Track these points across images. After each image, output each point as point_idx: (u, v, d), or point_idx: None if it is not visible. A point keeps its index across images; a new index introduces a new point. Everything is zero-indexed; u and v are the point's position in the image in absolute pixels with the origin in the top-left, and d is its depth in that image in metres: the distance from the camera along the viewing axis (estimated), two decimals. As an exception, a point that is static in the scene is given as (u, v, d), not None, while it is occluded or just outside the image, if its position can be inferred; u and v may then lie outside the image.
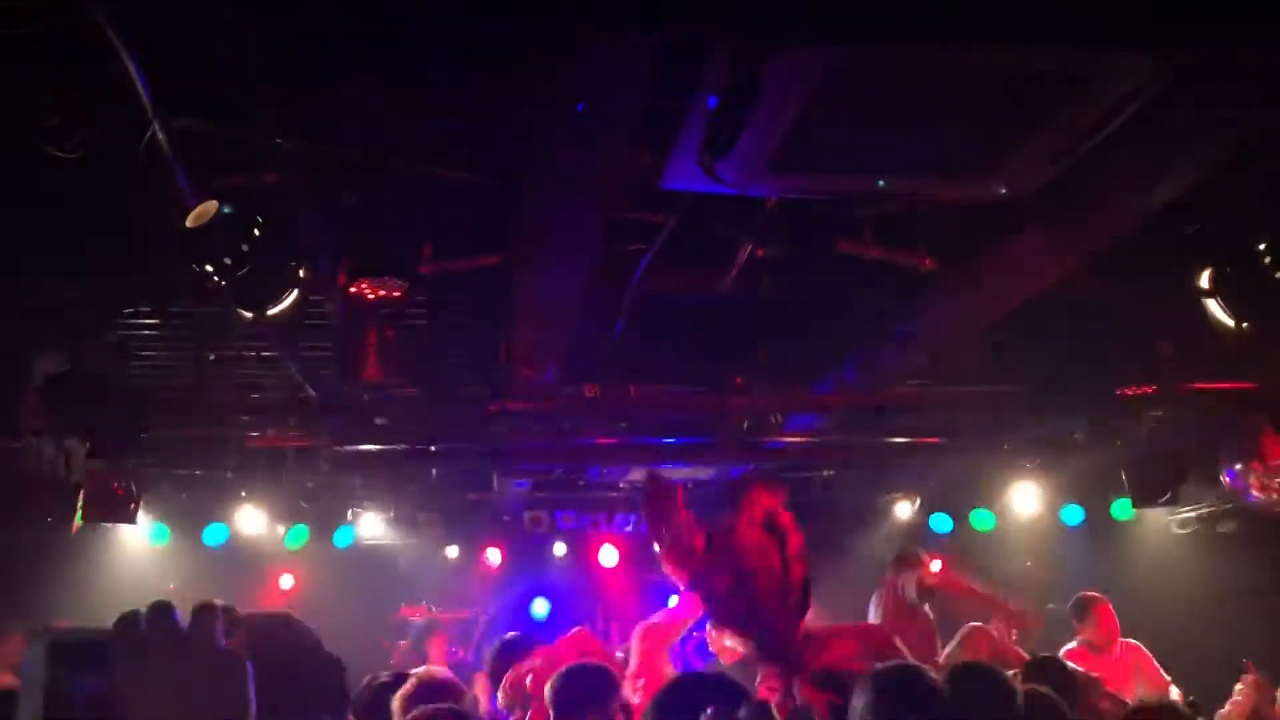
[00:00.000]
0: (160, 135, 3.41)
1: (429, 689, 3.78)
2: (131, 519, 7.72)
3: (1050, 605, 6.76)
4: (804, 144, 3.54)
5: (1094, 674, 5.07)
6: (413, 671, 4.20)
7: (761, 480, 4.78)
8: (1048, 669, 4.48)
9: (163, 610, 1.08)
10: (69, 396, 6.18)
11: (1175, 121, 3.52)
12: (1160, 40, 2.99)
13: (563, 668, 3.90)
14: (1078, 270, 4.92)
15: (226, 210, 3.64)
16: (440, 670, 4.31)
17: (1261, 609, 8.47)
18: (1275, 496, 6.89)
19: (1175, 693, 6.10)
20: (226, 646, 1.12)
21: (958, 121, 3.53)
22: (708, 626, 5.15)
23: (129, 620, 1.08)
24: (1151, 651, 6.71)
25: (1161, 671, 6.34)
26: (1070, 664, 5.01)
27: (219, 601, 1.23)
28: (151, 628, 1.08)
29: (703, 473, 9.43)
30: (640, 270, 5.00)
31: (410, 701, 3.68)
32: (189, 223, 3.58)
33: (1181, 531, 9.51)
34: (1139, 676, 6.29)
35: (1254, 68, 3.19)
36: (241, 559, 9.70)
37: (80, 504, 7.06)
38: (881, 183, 3.84)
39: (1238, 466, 7.23)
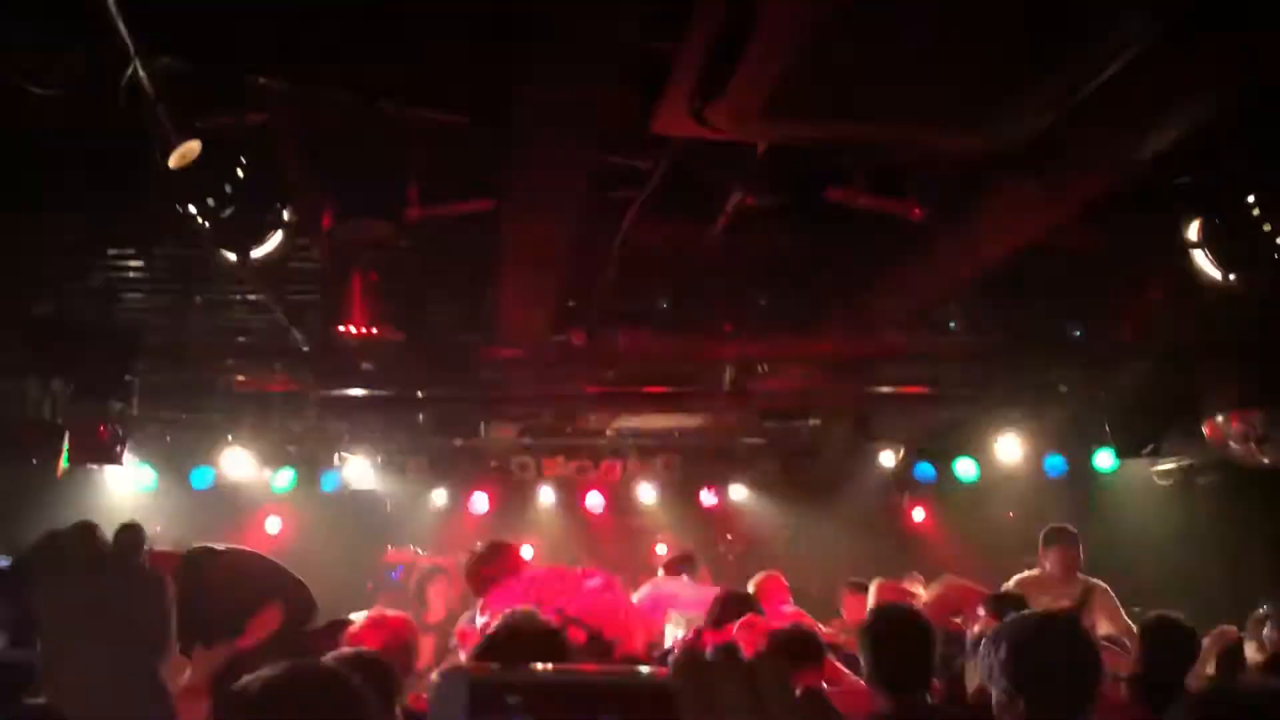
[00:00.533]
0: (142, 74, 3.35)
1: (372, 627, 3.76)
2: (117, 461, 7.73)
3: (1028, 559, 6.82)
4: (796, 90, 3.50)
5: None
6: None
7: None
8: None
9: (85, 529, 1.09)
10: (54, 339, 6.15)
11: (1167, 73, 3.49)
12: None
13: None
14: (1067, 221, 4.91)
15: (209, 151, 3.59)
16: (393, 614, 4.28)
17: (1239, 560, 8.58)
18: (1255, 449, 6.95)
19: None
20: (149, 566, 1.13)
21: (951, 69, 3.50)
22: None
23: (50, 538, 1.10)
24: (1128, 600, 6.79)
25: (1124, 616, 6.40)
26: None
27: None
28: (72, 545, 1.10)
29: (689, 421, 9.48)
30: (630, 217, 4.96)
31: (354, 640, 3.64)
32: (171, 164, 3.53)
33: (1163, 483, 9.61)
34: (1101, 615, 6.34)
35: (1248, 23, 3.16)
36: (228, 502, 9.73)
37: (65, 446, 7.05)
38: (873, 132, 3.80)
39: (1219, 419, 7.28)
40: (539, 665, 0.92)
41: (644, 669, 1.01)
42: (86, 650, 0.96)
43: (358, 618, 4.43)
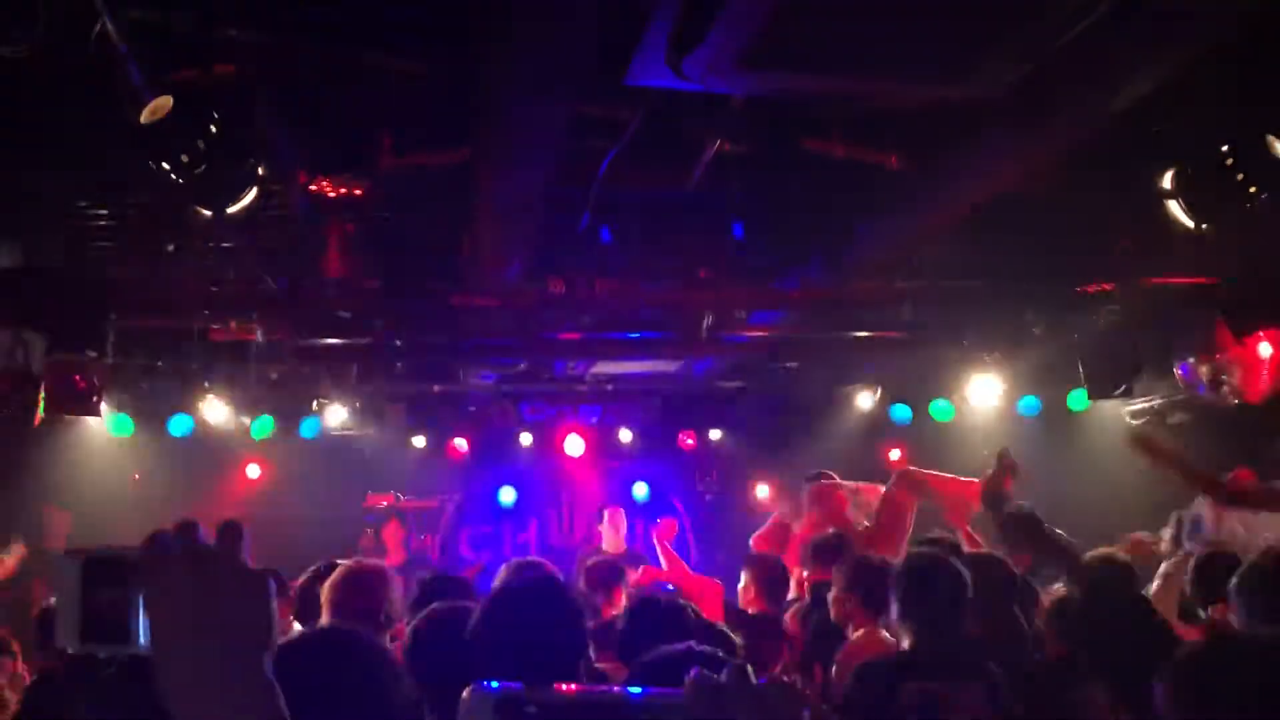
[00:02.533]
0: (110, 27, 3.30)
1: (355, 579, 3.82)
2: (94, 411, 7.70)
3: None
4: (773, 41, 3.48)
5: None
6: (342, 562, 4.26)
7: None
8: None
9: (187, 528, 1.13)
10: (26, 289, 6.10)
11: (1139, 24, 3.49)
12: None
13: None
14: (1042, 169, 4.93)
15: (181, 106, 3.54)
16: (370, 562, 4.35)
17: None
18: (1225, 390, 7.05)
19: None
20: (250, 563, 1.17)
21: (926, 21, 3.49)
22: None
23: (156, 538, 1.14)
24: (1106, 531, 6.89)
25: None
26: None
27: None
28: (176, 545, 1.14)
29: (667, 367, 9.52)
30: (605, 166, 4.94)
31: (335, 590, 3.70)
32: (143, 119, 3.49)
33: (1135, 423, 9.74)
34: None
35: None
36: (207, 450, 9.73)
37: (41, 396, 7.02)
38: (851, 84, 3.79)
39: (1190, 360, 7.39)
40: (561, 685, 0.94)
41: (649, 691, 1.04)
42: (194, 648, 0.99)
43: (343, 563, 4.51)
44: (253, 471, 10.41)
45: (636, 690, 1.14)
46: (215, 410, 8.93)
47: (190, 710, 1.11)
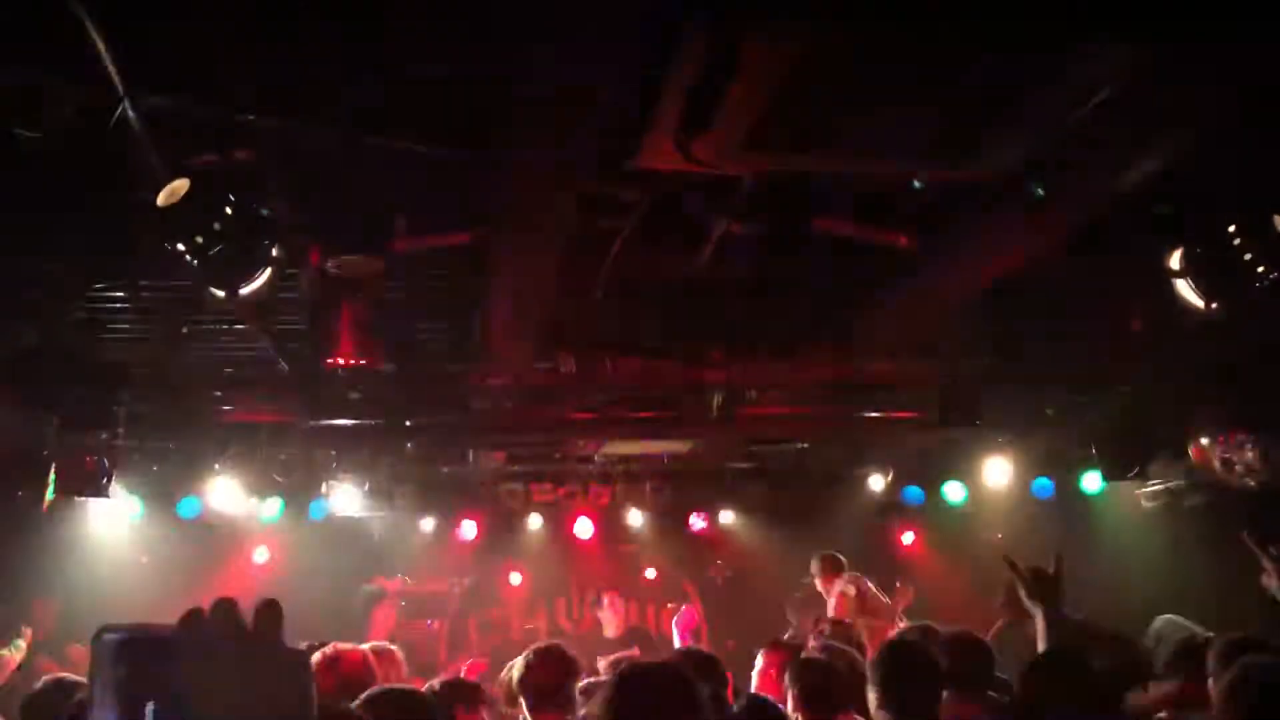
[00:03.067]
0: (130, 114, 3.36)
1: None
2: (104, 493, 7.69)
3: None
4: (779, 125, 3.53)
5: None
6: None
7: None
8: None
9: (226, 607, 1.11)
10: (40, 371, 6.13)
11: (1149, 105, 3.54)
12: (1131, 28, 3.00)
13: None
14: (1051, 248, 4.95)
15: (198, 189, 3.60)
16: (346, 648, 4.35)
17: (1224, 582, 8.59)
18: (1239, 471, 6.99)
19: None
20: (289, 644, 1.15)
21: (931, 105, 3.54)
22: None
23: (193, 616, 1.12)
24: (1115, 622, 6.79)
25: None
26: None
27: None
28: (215, 624, 1.12)
29: (678, 447, 9.48)
30: (616, 248, 4.99)
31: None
32: (160, 201, 3.54)
33: (1149, 505, 9.64)
34: None
35: (1227, 56, 3.21)
36: (216, 532, 9.69)
37: (52, 478, 7.01)
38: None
39: (1204, 441, 7.33)
40: None
41: None
42: None
43: (345, 647, 4.47)
44: (260, 555, 10.35)
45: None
46: (224, 492, 8.91)
47: None
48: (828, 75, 3.33)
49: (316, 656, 3.85)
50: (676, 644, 6.84)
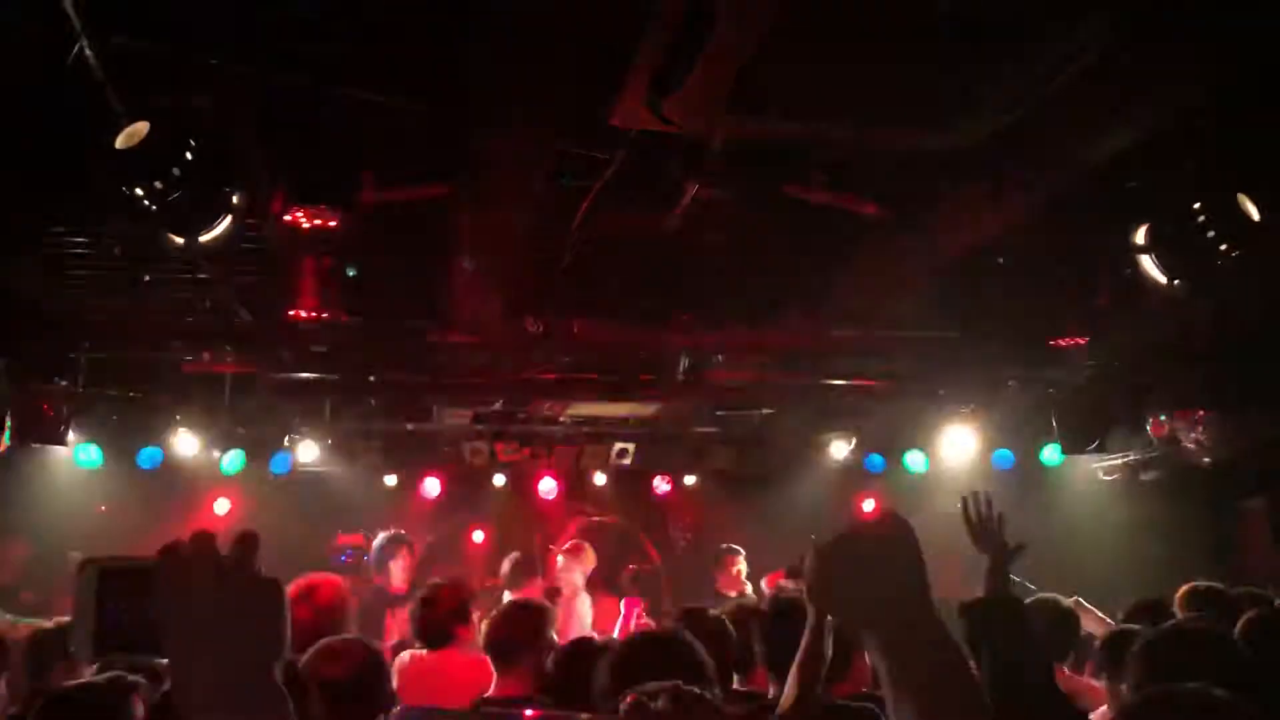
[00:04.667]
0: (89, 53, 3.28)
1: None
2: (61, 440, 7.61)
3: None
4: (752, 87, 3.51)
5: None
6: None
7: None
8: None
9: (204, 539, 1.15)
10: (-4, 316, 6.03)
11: (1119, 79, 3.54)
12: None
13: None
14: (1020, 221, 4.97)
15: (157, 132, 3.52)
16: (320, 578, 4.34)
17: (1179, 555, 8.75)
18: (1196, 446, 7.08)
19: None
20: (265, 574, 1.19)
21: (905, 70, 3.52)
22: None
23: (172, 548, 1.18)
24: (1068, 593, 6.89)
25: None
26: None
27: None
28: (193, 555, 1.17)
29: (644, 410, 9.49)
30: (586, 207, 4.95)
31: None
32: (119, 144, 3.46)
33: (1107, 478, 9.77)
34: None
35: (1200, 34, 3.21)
36: (176, 483, 9.60)
37: (8, 425, 6.92)
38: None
39: (1163, 417, 7.42)
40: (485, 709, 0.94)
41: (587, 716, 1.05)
42: (211, 655, 1.03)
43: (320, 578, 4.45)
44: (221, 506, 10.28)
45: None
46: (186, 443, 8.83)
47: (205, 717, 1.13)
48: (799, 36, 3.31)
49: (290, 587, 3.83)
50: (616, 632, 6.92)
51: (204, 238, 3.90)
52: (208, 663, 1.14)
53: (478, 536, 11.30)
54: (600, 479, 11.03)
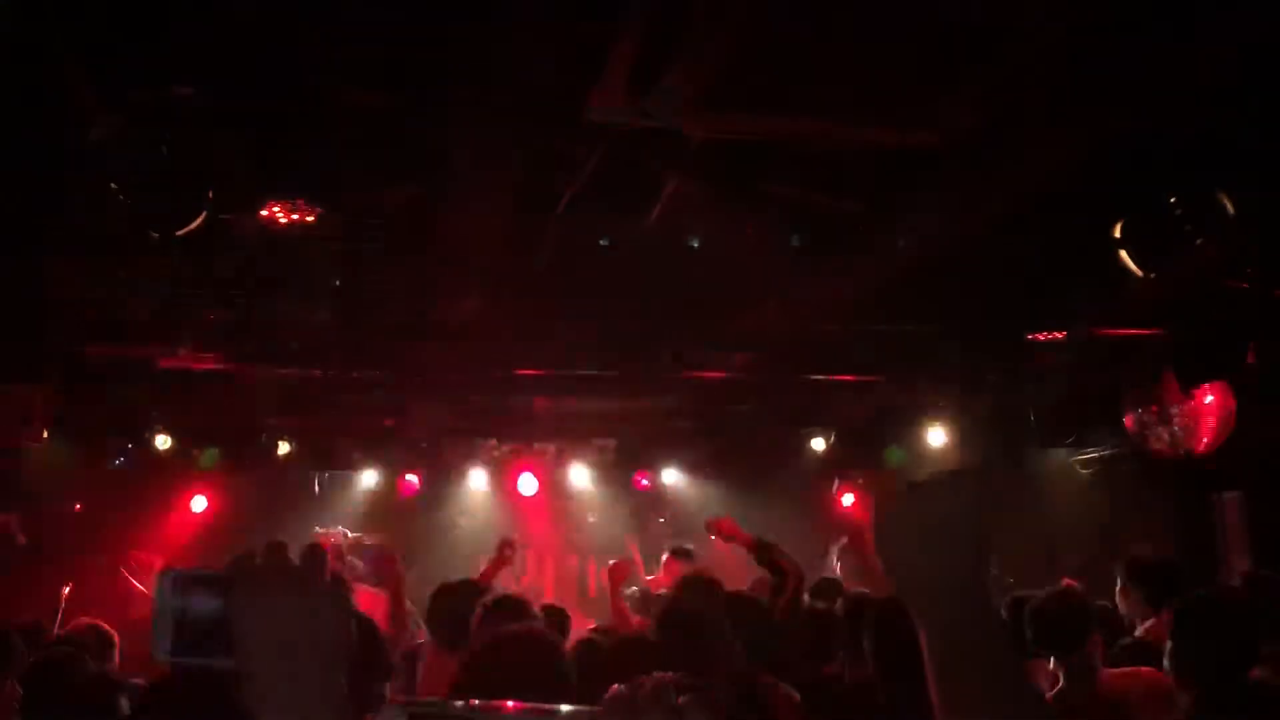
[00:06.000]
0: (65, 44, 3.25)
1: None
2: (36, 439, 7.53)
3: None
4: (730, 84, 3.51)
5: None
6: None
7: None
8: None
9: (276, 548, 1.20)
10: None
11: (1093, 73, 3.56)
12: None
13: None
14: (998, 216, 4.99)
15: (135, 126, 3.49)
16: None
17: (1155, 548, 8.81)
18: (1168, 440, 7.13)
19: None
20: (334, 581, 1.22)
21: (883, 66, 3.53)
22: None
23: (245, 558, 1.22)
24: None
25: None
26: None
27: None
28: (267, 564, 1.22)
29: (625, 405, 9.48)
30: (564, 203, 4.94)
31: None
32: (94, 136, 3.43)
33: (1084, 471, 9.82)
34: None
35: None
36: (152, 481, 9.53)
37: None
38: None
39: (1139, 411, 7.47)
40: (474, 701, 0.96)
41: (568, 708, 1.06)
42: (281, 662, 1.10)
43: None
44: (198, 504, 10.21)
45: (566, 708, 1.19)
46: (161, 439, 8.76)
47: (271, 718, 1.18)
48: (781, 33, 3.31)
49: None
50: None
51: (179, 233, 3.87)
52: (276, 667, 1.19)
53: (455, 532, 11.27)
54: (580, 473, 11.03)
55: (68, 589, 7.65)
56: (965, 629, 1.19)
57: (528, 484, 10.74)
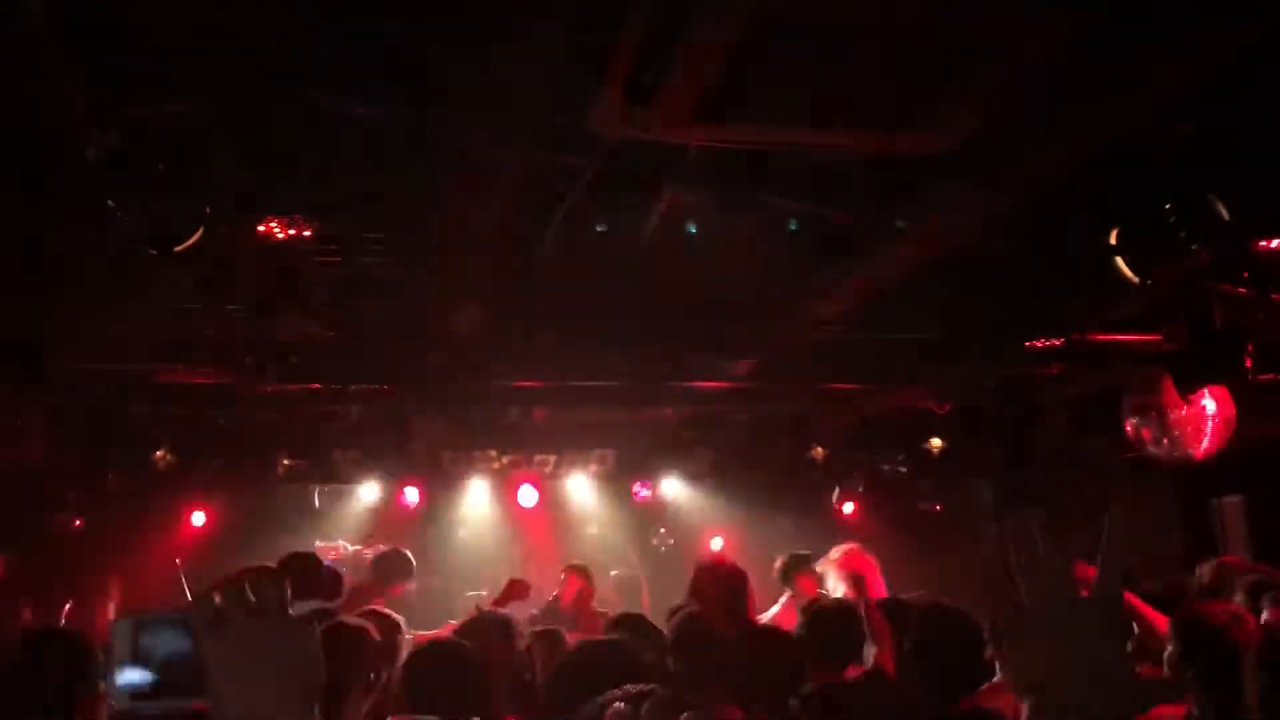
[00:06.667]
0: (62, 61, 3.25)
1: None
2: (34, 454, 7.52)
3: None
4: (728, 93, 3.52)
5: None
6: None
7: None
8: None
9: (236, 584, 1.21)
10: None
11: (1087, 80, 3.58)
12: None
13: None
14: (995, 223, 5.00)
15: (132, 142, 3.50)
16: None
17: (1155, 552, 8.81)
18: (1166, 445, 7.12)
19: None
20: (296, 613, 1.24)
21: (882, 73, 3.54)
22: None
23: (205, 597, 1.22)
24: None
25: None
26: None
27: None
28: (226, 600, 1.21)
29: (625, 415, 9.48)
30: (562, 213, 4.95)
31: None
32: (90, 155, 3.44)
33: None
34: None
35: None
36: (152, 496, 9.52)
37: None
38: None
39: (1138, 417, 7.46)
40: None
41: None
42: (249, 693, 1.09)
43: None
44: (198, 519, 10.19)
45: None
46: (161, 455, 8.75)
47: None
48: (776, 45, 3.32)
49: None
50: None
51: (178, 249, 3.87)
52: (247, 705, 1.18)
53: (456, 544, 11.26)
54: (580, 485, 11.02)
55: (68, 606, 7.64)
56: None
57: (527, 495, 10.73)
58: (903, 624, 4.10)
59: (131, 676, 1.24)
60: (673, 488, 11.20)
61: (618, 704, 2.72)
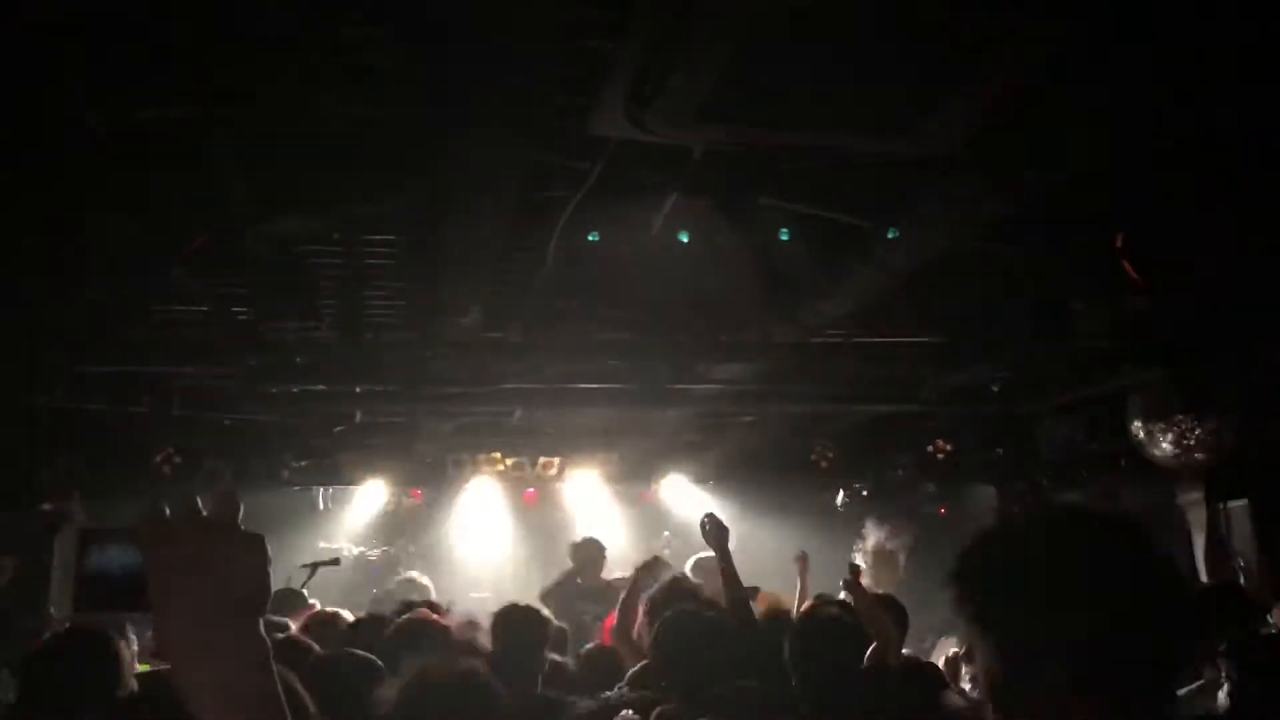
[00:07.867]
0: (66, 62, 3.26)
1: None
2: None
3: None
4: (731, 97, 3.52)
5: None
6: None
7: None
8: None
9: (186, 497, 1.20)
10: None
11: (1090, 83, 3.57)
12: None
13: None
14: (999, 225, 4.99)
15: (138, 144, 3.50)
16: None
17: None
18: (1174, 449, 7.11)
19: None
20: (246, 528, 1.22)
21: (886, 75, 3.54)
22: None
23: (154, 507, 1.20)
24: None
25: None
26: None
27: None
28: (175, 512, 1.19)
29: (630, 418, 9.47)
30: (566, 216, 4.95)
31: None
32: (93, 155, 3.45)
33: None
34: None
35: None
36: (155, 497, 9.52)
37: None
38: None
39: (1143, 421, 7.44)
40: None
41: None
42: (193, 609, 1.08)
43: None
44: (202, 520, 10.19)
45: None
46: (167, 457, 8.74)
47: (187, 669, 1.15)
48: (779, 47, 3.32)
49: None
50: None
51: (183, 249, 3.88)
52: (191, 616, 1.16)
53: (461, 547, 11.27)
54: (585, 487, 11.01)
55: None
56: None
57: (532, 498, 10.74)
58: None
59: (74, 588, 1.23)
60: (677, 490, 11.20)
61: (626, 711, 2.77)
